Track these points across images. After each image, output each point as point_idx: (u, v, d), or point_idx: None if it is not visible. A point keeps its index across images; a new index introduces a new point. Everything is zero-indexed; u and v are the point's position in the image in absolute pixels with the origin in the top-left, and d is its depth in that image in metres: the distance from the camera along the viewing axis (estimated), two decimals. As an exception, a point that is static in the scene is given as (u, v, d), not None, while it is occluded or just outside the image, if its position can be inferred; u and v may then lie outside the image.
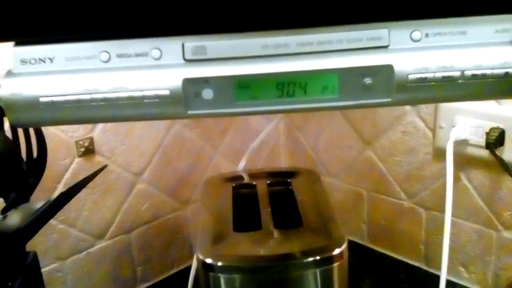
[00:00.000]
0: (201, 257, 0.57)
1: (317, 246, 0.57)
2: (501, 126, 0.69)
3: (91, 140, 0.76)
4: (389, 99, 0.35)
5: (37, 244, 0.72)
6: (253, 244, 0.59)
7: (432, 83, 0.34)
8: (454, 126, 0.73)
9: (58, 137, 0.72)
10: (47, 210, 0.48)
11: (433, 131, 0.78)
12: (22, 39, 0.36)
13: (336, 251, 0.56)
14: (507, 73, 0.33)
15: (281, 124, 1.02)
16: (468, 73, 0.34)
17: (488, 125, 0.70)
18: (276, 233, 0.60)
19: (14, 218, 0.48)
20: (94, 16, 0.35)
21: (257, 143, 0.79)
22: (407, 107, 0.81)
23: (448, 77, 0.34)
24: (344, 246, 0.57)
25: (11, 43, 0.37)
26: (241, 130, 0.95)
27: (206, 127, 0.91)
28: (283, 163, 1.05)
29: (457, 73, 0.34)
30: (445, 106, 0.75)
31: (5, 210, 0.52)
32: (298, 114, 0.99)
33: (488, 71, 0.33)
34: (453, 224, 0.76)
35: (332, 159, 0.96)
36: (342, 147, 0.93)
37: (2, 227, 0.48)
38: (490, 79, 0.34)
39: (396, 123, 0.83)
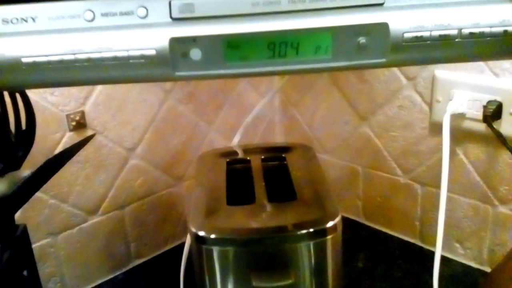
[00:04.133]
0: (193, 230, 0.56)
1: (311, 219, 0.57)
2: (498, 99, 0.68)
3: (83, 114, 0.74)
4: (383, 59, 0.34)
5: (28, 219, 0.71)
6: (247, 217, 0.58)
7: (428, 42, 0.33)
8: (451, 100, 0.72)
9: (48, 110, 0.71)
10: (33, 177, 0.47)
11: (430, 105, 0.77)
12: (3, -3, 0.35)
13: (330, 224, 0.56)
14: (506, 31, 0.32)
15: (276, 100, 1.01)
16: (465, 31, 0.32)
17: (486, 98, 0.69)
18: (269, 207, 0.59)
19: (1, 186, 0.47)
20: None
21: (251, 118, 0.78)
22: (404, 81, 0.79)
23: (445, 35, 0.32)
24: (338, 219, 0.56)
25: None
26: (236, 105, 0.94)
27: (200, 102, 0.89)
28: (278, 139, 1.04)
29: (455, 32, 0.32)
30: (442, 79, 0.74)
31: (-8, 181, 0.51)
32: (293, 89, 0.98)
33: (487, 29, 0.32)
34: (449, 199, 0.76)
35: (327, 135, 0.95)
36: (338, 123, 0.92)
37: (-12, 195, 0.47)
38: (488, 38, 0.32)
39: (392, 97, 0.82)
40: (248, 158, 0.72)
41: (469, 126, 0.72)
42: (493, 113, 0.67)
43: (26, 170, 0.50)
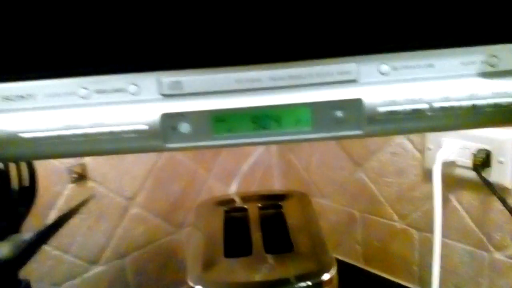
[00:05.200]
0: (191, 283, 0.57)
1: (307, 272, 0.57)
2: (487, 147, 0.69)
3: (83, 166, 0.76)
4: (360, 132, 0.35)
5: (31, 270, 0.72)
6: (244, 270, 0.59)
7: (402, 115, 0.35)
8: (441, 148, 0.73)
9: (50, 163, 0.73)
10: (34, 243, 0.49)
11: (422, 152, 0.79)
12: (3, 76, 0.37)
13: (326, 277, 0.56)
14: (474, 105, 0.34)
15: (273, 146, 1.03)
16: (436, 105, 0.34)
17: (475, 146, 0.70)
18: (266, 259, 0.60)
19: (4, 249, 0.49)
20: (73, 53, 0.36)
21: (248, 166, 0.80)
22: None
23: (417, 109, 0.34)
24: (334, 271, 0.57)
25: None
26: (234, 152, 0.96)
27: (199, 150, 0.91)
28: (276, 184, 1.06)
29: (426, 106, 0.34)
30: (432, 128, 0.75)
31: (-6, 240, 0.53)
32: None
33: (456, 103, 0.34)
34: (445, 245, 0.76)
35: (324, 180, 0.97)
36: (333, 168, 0.94)
37: (-9, 258, 0.48)
38: (458, 111, 0.34)
39: (385, 144, 0.83)
40: (246, 206, 0.73)
41: (460, 174, 0.73)
42: (482, 161, 0.69)
43: (27, 233, 0.52)
